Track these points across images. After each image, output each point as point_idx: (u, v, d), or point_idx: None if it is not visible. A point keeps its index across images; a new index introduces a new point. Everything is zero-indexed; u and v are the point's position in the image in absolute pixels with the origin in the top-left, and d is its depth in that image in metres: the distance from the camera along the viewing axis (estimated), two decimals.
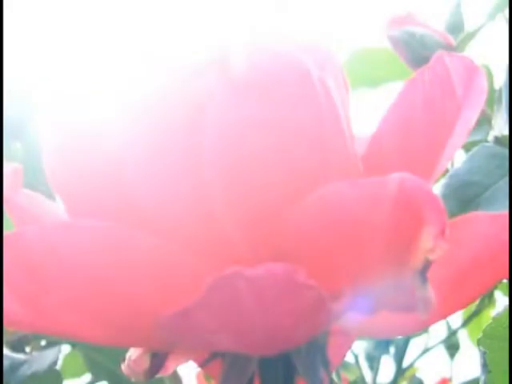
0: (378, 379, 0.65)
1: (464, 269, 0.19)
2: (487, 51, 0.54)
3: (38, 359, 0.37)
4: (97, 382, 0.46)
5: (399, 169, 0.16)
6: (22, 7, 0.55)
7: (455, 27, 0.51)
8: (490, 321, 0.28)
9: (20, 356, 0.38)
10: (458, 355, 0.70)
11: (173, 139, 0.17)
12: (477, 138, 0.43)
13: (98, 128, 0.18)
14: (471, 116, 0.20)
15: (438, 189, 0.37)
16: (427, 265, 0.16)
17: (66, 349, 0.51)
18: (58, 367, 0.38)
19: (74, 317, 0.17)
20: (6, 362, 0.37)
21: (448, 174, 0.37)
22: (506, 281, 0.25)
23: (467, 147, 0.41)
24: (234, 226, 0.17)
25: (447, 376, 0.72)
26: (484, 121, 0.43)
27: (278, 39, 0.19)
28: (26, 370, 0.37)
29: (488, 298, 0.54)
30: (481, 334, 0.28)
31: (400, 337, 0.63)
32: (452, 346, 0.70)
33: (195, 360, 0.22)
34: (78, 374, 0.57)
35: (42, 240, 0.16)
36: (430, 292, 0.16)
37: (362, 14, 0.82)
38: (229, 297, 0.15)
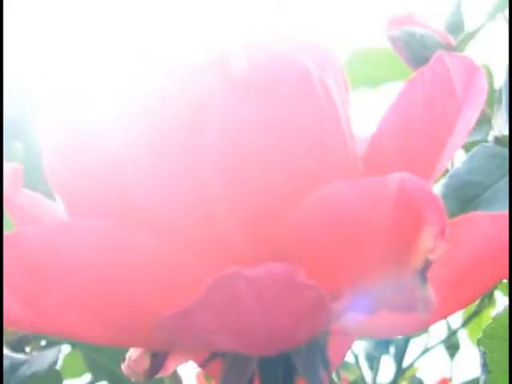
0: (378, 379, 0.65)
1: (464, 269, 0.19)
2: (487, 51, 0.54)
3: (38, 359, 0.37)
4: (97, 382, 0.46)
5: (399, 169, 0.16)
6: (22, 7, 0.55)
7: (455, 27, 0.51)
8: (490, 321, 0.28)
9: (20, 356, 0.38)
10: (458, 355, 0.70)
11: (173, 139, 0.17)
12: (477, 138, 0.43)
13: (98, 128, 0.18)
14: (471, 116, 0.20)
15: (438, 189, 0.37)
16: (427, 265, 0.16)
17: (66, 349, 0.51)
18: (58, 367, 0.38)
19: (74, 317, 0.17)
20: (6, 362, 0.37)
21: (448, 174, 0.37)
22: (506, 281, 0.25)
23: (467, 147, 0.41)
24: (234, 226, 0.17)
25: (447, 376, 0.72)
26: (484, 121, 0.43)
27: (278, 39, 0.19)
28: (26, 370, 0.37)
29: (488, 298, 0.54)
30: (481, 334, 0.28)
31: (400, 337, 0.63)
32: (452, 346, 0.70)
33: (195, 360, 0.22)
34: (78, 374, 0.57)
35: (42, 240, 0.16)
36: (430, 292, 0.16)
37: (362, 13, 0.82)
38: (229, 297, 0.15)
